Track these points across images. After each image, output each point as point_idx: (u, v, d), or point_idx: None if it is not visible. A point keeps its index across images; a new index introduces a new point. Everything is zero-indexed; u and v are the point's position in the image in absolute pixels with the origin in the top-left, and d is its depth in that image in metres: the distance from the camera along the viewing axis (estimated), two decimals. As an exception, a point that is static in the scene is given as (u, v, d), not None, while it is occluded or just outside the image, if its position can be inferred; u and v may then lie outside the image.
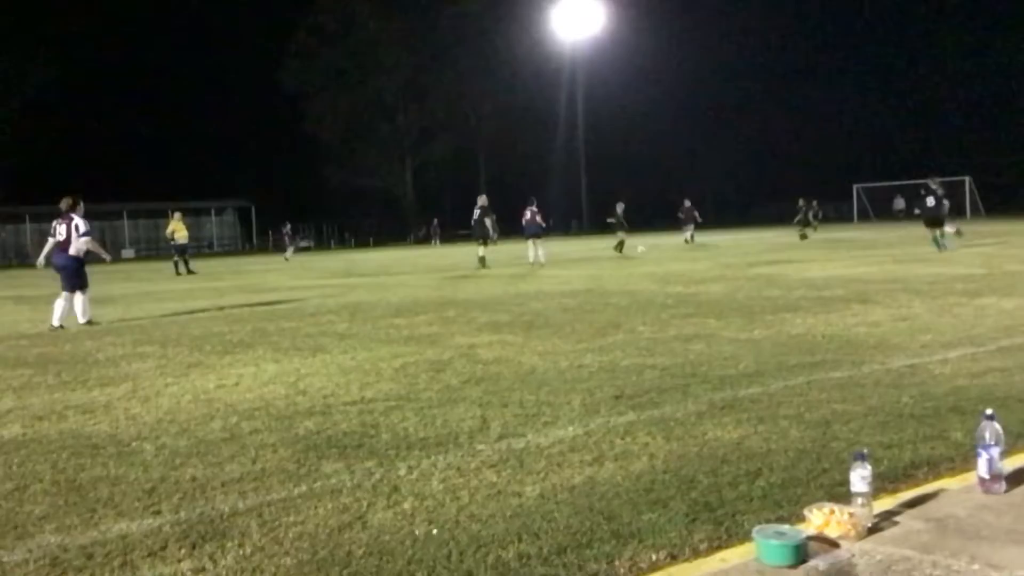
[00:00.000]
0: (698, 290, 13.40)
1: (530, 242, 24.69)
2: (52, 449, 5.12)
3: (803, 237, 31.89)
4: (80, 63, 66.19)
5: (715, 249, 28.24)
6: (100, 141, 68.61)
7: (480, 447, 4.75)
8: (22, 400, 6.71)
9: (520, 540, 3.40)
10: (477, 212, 24.73)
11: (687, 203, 34.80)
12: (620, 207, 29.69)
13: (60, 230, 12.40)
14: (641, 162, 74.28)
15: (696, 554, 3.22)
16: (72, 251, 12.30)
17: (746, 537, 3.26)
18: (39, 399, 6.70)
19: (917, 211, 24.00)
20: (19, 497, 4.24)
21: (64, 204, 12.45)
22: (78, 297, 12.29)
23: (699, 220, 35.24)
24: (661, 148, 74.44)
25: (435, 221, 60.11)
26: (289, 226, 43.99)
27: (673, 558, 3.19)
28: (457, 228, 49.11)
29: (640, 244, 29.27)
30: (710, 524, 3.46)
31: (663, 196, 34.57)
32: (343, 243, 70.30)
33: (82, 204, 12.62)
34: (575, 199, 74.44)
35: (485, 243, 24.53)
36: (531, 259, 24.00)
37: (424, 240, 62.86)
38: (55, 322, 11.91)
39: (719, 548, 3.26)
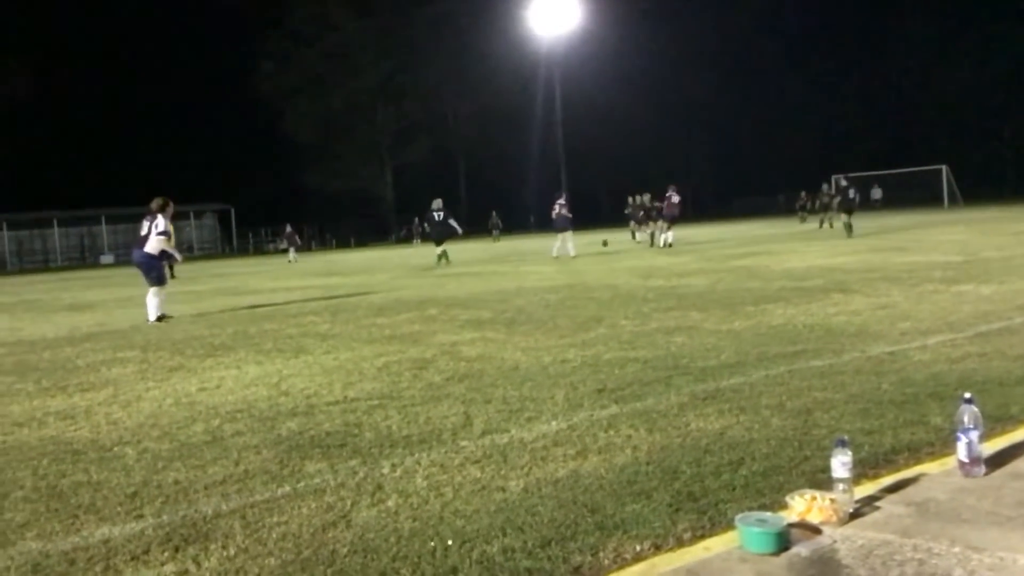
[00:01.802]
0: (679, 283, 13.44)
1: (559, 236, 25.34)
2: (32, 456, 5.07)
3: (830, 225, 32.15)
4: (56, 68, 65.72)
5: (695, 243, 28.32)
6: (78, 147, 68.17)
7: (463, 443, 4.74)
8: (1, 407, 6.64)
9: (504, 534, 3.40)
10: (440, 214, 25.42)
11: (640, 198, 29.61)
12: (645, 198, 29.33)
13: (145, 227, 13.01)
14: (620, 158, 74.44)
15: (680, 543, 3.23)
16: (148, 248, 12.86)
17: (729, 525, 3.28)
18: (19, 406, 6.64)
19: (838, 201, 27.82)
20: (-1, 505, 4.20)
21: (155, 204, 12.95)
22: (151, 292, 12.78)
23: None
24: (639, 144, 74.63)
25: (416, 221, 60.05)
26: (290, 227, 43.95)
27: (657, 548, 3.20)
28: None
29: (606, 237, 29.50)
30: (693, 514, 3.47)
31: (642, 191, 33.78)
32: (324, 244, 70.14)
33: (172, 206, 13.15)
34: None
35: (444, 241, 25.57)
36: (555, 252, 24.70)
37: (405, 240, 62.78)
38: (150, 318, 12.57)
39: (703, 537, 3.27)
